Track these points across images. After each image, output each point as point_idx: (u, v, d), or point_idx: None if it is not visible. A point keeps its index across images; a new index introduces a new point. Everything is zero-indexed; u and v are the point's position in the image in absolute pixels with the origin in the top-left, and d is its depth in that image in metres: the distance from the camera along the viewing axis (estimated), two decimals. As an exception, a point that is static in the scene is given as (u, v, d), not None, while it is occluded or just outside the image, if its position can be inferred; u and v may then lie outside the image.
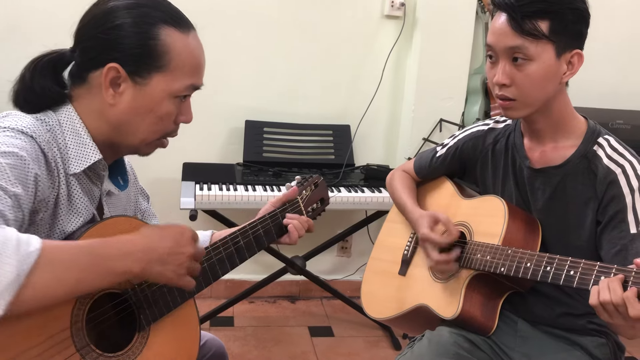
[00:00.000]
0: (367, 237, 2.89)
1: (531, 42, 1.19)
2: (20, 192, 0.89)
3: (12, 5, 2.45)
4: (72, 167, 1.02)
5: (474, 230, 1.41)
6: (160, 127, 1.07)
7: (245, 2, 2.62)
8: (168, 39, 1.02)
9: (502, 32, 1.21)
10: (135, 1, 1.02)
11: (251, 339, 2.59)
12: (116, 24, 1.00)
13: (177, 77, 1.03)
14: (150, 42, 1.00)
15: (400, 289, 1.54)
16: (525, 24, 1.18)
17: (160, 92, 1.03)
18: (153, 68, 1.01)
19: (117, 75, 1.00)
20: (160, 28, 1.01)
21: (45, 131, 0.99)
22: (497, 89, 1.26)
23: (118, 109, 1.03)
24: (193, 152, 2.57)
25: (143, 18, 1.01)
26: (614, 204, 1.22)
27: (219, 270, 1.20)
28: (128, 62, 1.00)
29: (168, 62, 1.02)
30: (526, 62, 1.20)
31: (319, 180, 1.46)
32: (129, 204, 1.24)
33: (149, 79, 1.02)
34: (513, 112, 1.27)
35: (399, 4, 2.69)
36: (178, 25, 1.03)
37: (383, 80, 2.76)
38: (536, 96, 1.24)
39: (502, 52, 1.23)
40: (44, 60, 1.04)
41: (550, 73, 1.22)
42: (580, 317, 1.34)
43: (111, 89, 1.01)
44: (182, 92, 1.06)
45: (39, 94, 1.02)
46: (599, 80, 2.85)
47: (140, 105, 1.03)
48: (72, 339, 0.96)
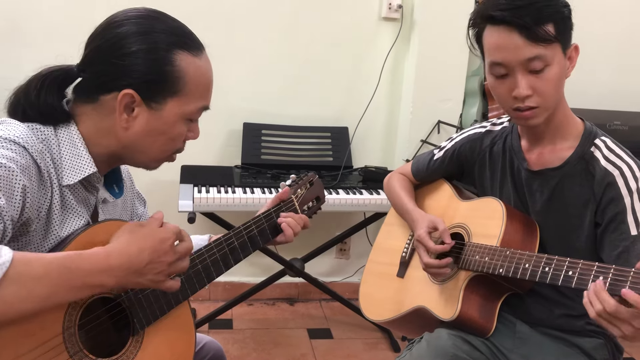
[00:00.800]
0: (365, 239, 2.89)
1: (546, 48, 1.18)
2: (2, 202, 0.87)
3: (12, 7, 2.44)
4: (65, 179, 1.01)
5: (472, 232, 1.41)
6: (171, 147, 1.08)
7: (243, 4, 2.63)
8: (183, 64, 1.01)
9: (515, 46, 1.18)
10: (148, 25, 1.01)
11: (250, 341, 2.59)
12: (131, 50, 0.99)
13: (190, 101, 1.04)
14: (166, 68, 1.00)
15: (399, 291, 1.54)
16: (539, 32, 1.16)
17: (174, 116, 1.04)
18: (168, 93, 1.02)
19: (131, 101, 1.00)
20: (174, 54, 1.01)
21: (39, 141, 0.98)
22: (516, 102, 1.22)
23: (131, 132, 1.03)
24: (191, 154, 2.54)
25: (158, 44, 1.00)
26: (613, 205, 1.22)
27: (213, 272, 1.19)
28: (143, 88, 1.00)
29: (183, 87, 1.02)
30: (545, 68, 1.19)
31: (314, 179, 1.45)
32: (125, 210, 1.23)
33: (164, 104, 1.02)
34: (535, 119, 1.24)
35: (397, 6, 2.70)
36: (191, 49, 1.03)
37: (381, 83, 2.77)
38: (555, 98, 1.24)
39: (517, 66, 1.19)
40: (51, 77, 1.02)
41: (562, 72, 1.22)
42: (578, 319, 1.34)
43: (125, 114, 1.01)
44: (195, 115, 1.07)
45: (43, 111, 1.01)
46: (596, 82, 2.86)
47: (154, 128, 1.03)
48: (65, 344, 0.96)
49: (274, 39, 2.69)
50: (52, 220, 0.99)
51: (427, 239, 1.40)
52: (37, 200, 0.96)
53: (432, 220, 1.43)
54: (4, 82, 1.06)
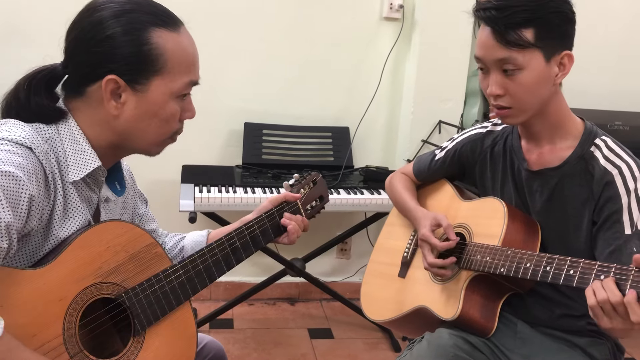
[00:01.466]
0: (366, 239, 2.89)
1: (518, 52, 1.19)
2: (10, 219, 0.87)
3: (11, 7, 2.45)
4: (71, 175, 1.01)
5: (474, 232, 1.41)
6: (167, 129, 1.07)
7: (243, 4, 2.63)
8: (160, 41, 1.01)
9: (488, 45, 1.21)
10: (121, 8, 1.01)
11: (251, 341, 2.59)
12: (107, 34, 0.98)
13: (175, 77, 1.03)
14: (143, 47, 1.00)
15: (400, 291, 1.53)
16: (509, 36, 1.18)
17: (162, 95, 1.03)
18: (151, 73, 1.01)
19: (116, 87, 1.00)
20: (151, 31, 1.00)
21: (43, 141, 0.98)
22: (492, 99, 1.26)
23: (123, 119, 1.03)
24: (192, 154, 2.57)
25: (133, 24, 0.99)
26: (610, 204, 1.22)
27: (215, 271, 1.19)
28: (125, 72, 0.99)
29: (164, 64, 1.02)
30: (516, 71, 1.21)
31: (317, 178, 1.44)
32: (126, 210, 1.23)
33: (149, 85, 1.01)
34: (511, 119, 1.28)
35: (398, 6, 2.70)
36: (168, 25, 1.03)
37: (382, 82, 2.77)
38: (531, 102, 1.24)
39: (491, 64, 1.23)
40: (37, 78, 1.02)
41: (541, 78, 1.22)
42: (579, 319, 1.34)
43: (113, 101, 1.01)
44: (183, 91, 1.06)
45: (36, 112, 1.01)
46: (597, 82, 2.86)
47: (144, 111, 1.03)
48: (65, 345, 0.95)
49: (275, 38, 2.69)
50: (52, 222, 0.99)
51: (432, 237, 1.40)
52: (41, 207, 0.96)
53: (434, 217, 1.43)
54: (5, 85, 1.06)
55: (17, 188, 0.89)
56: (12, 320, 0.85)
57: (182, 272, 1.13)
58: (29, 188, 0.91)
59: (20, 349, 0.87)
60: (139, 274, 1.07)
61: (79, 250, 0.99)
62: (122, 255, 1.05)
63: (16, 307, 0.89)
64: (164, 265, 1.12)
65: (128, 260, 1.06)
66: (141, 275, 1.08)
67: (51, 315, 0.94)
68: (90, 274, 1.00)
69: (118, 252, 1.04)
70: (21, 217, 0.90)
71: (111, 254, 1.03)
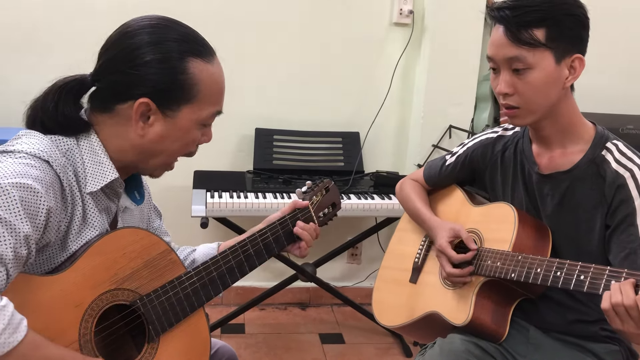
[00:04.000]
0: (377, 244, 2.89)
1: (528, 51, 1.20)
2: (28, 230, 0.89)
3: (28, 15, 2.48)
4: (89, 186, 1.03)
5: (484, 237, 1.41)
6: (184, 151, 1.11)
7: (254, 10, 2.65)
8: (196, 72, 1.03)
9: (500, 44, 1.23)
10: (161, 34, 1.03)
11: (262, 345, 2.59)
12: (145, 60, 1.00)
13: (204, 107, 1.06)
14: (179, 77, 1.02)
15: (412, 297, 1.54)
16: (521, 34, 1.20)
17: (188, 122, 1.06)
18: (183, 101, 1.04)
19: (147, 109, 1.02)
20: (187, 61, 1.02)
21: (61, 154, 0.99)
22: (501, 98, 1.28)
23: (147, 139, 1.05)
24: (204, 160, 2.57)
25: (171, 53, 1.02)
26: (623, 207, 1.22)
27: (228, 279, 1.20)
28: (158, 97, 1.02)
29: (197, 94, 1.04)
30: (526, 70, 1.22)
31: (330, 185, 1.44)
32: (142, 220, 1.24)
33: (179, 112, 1.04)
34: (518, 120, 1.29)
35: (408, 11, 2.70)
36: (203, 55, 1.05)
37: (392, 87, 2.77)
38: (539, 103, 1.25)
39: (502, 63, 1.25)
40: (67, 88, 1.04)
41: (551, 79, 1.23)
42: (592, 324, 1.34)
43: (141, 122, 1.03)
44: (208, 120, 1.09)
45: (61, 122, 1.02)
46: (609, 86, 2.84)
47: (169, 135, 1.05)
48: (81, 351, 0.97)
49: (286, 44, 2.70)
50: (70, 233, 1.00)
51: (449, 249, 1.40)
52: (58, 219, 0.97)
53: (452, 228, 1.43)
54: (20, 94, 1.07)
55: (35, 200, 0.91)
56: (30, 325, 0.86)
57: (196, 279, 1.14)
58: (47, 200, 0.93)
59: (46, 345, 0.89)
60: (154, 280, 1.09)
61: (95, 257, 1.01)
62: (138, 262, 1.06)
63: (33, 313, 0.91)
64: (179, 272, 1.13)
65: (143, 267, 1.07)
66: (156, 282, 1.09)
67: (67, 321, 0.96)
68: (106, 281, 1.02)
69: (133, 258, 1.06)
70: (39, 228, 0.92)
71: (127, 260, 1.05)
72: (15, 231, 0.87)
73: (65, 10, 2.49)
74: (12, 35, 2.47)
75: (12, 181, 0.89)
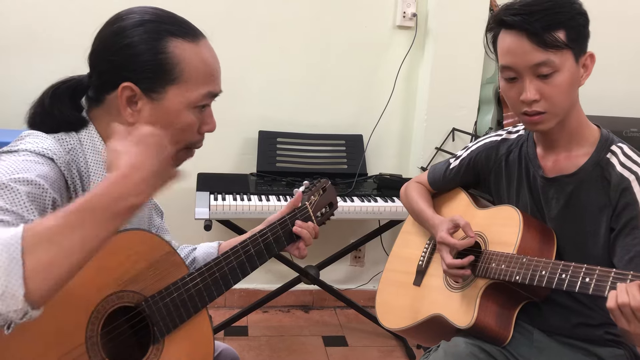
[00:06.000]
0: (380, 246, 2.89)
1: (555, 54, 1.19)
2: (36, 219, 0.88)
3: (33, 15, 2.49)
4: (92, 185, 1.03)
5: (489, 240, 1.41)
6: (182, 138, 1.08)
7: (258, 13, 2.65)
8: (177, 51, 1.02)
9: (523, 51, 1.20)
10: (140, 18, 1.03)
11: (265, 348, 2.60)
12: (125, 43, 1.01)
13: (192, 87, 1.04)
14: (160, 56, 1.01)
15: (415, 299, 1.54)
16: (547, 38, 1.18)
17: (177, 104, 1.04)
18: (166, 82, 1.02)
19: (132, 94, 1.02)
20: (168, 41, 1.02)
21: (65, 153, 1.00)
22: (524, 106, 1.24)
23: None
24: (207, 162, 2.59)
25: (150, 34, 1.02)
26: (628, 210, 1.21)
27: (230, 279, 1.20)
28: (141, 80, 1.01)
29: (180, 74, 1.03)
30: (554, 73, 1.20)
31: (326, 185, 1.45)
32: (142, 220, 1.24)
33: (164, 93, 1.03)
34: (544, 125, 1.25)
35: (411, 14, 2.71)
36: (186, 36, 1.04)
37: (395, 90, 2.77)
38: (564, 105, 1.24)
39: (525, 70, 1.21)
40: (63, 87, 1.05)
41: (574, 79, 1.23)
42: (597, 328, 1.34)
43: (129, 108, 1.03)
44: (200, 102, 1.06)
45: (58, 119, 1.03)
46: (613, 89, 2.84)
47: (160, 119, 1.03)
48: (88, 354, 0.97)
49: (289, 47, 2.71)
50: None
51: (449, 237, 1.40)
52: None
53: (451, 219, 1.43)
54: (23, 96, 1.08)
55: (40, 193, 0.91)
56: (36, 327, 0.86)
57: (199, 280, 1.14)
58: (52, 193, 0.93)
59: (45, 218, 0.78)
60: (158, 282, 1.09)
61: (100, 259, 1.01)
62: (142, 264, 1.06)
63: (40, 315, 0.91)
64: (182, 273, 1.13)
65: (147, 269, 1.07)
66: (160, 283, 1.09)
67: (74, 323, 0.96)
68: (112, 282, 1.02)
69: (137, 260, 1.06)
70: None
71: (131, 262, 1.05)
72: (24, 221, 0.87)
73: (68, 12, 2.50)
74: (15, 38, 2.48)
75: (16, 177, 0.89)
